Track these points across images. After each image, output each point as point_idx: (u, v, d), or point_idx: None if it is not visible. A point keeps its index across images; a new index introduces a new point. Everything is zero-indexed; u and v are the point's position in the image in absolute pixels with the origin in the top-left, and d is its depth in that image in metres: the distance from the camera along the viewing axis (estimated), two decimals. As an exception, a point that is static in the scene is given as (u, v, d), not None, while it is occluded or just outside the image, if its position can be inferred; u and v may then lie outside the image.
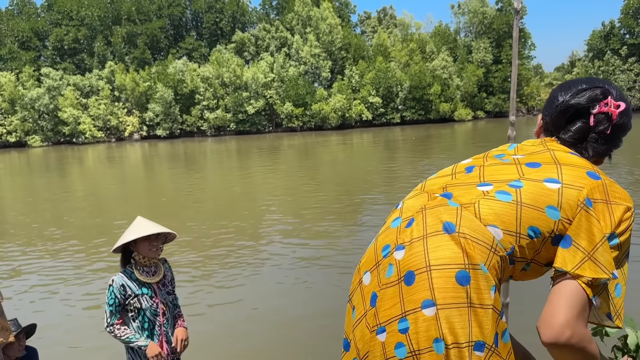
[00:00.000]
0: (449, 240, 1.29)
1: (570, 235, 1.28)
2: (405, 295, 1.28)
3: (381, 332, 1.30)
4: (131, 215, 8.00)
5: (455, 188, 1.41)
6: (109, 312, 3.00)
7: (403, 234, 1.37)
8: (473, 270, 1.25)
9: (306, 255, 8.92)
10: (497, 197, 1.33)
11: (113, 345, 5.80)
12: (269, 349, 5.43)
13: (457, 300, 1.23)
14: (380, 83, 59.99)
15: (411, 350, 1.24)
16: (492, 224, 1.30)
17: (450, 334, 1.21)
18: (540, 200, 1.30)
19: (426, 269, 1.27)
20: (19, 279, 8.67)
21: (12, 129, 60.51)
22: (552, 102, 1.51)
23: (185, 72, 61.14)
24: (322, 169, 22.93)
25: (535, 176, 1.34)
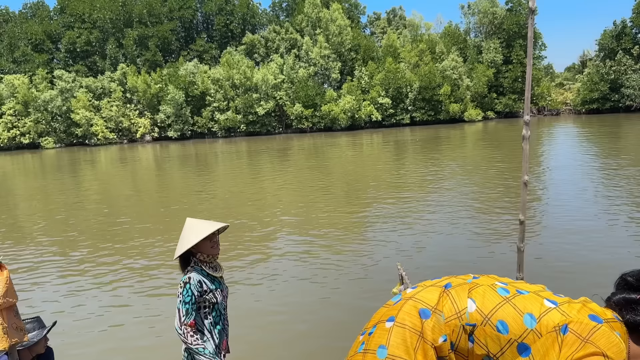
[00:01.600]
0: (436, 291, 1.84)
1: (531, 349, 1.39)
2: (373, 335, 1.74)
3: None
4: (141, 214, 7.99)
5: (457, 289, 1.71)
6: (185, 310, 2.91)
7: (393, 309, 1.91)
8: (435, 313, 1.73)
9: (312, 255, 9.02)
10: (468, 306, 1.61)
11: (126, 347, 5.95)
12: (289, 340, 5.54)
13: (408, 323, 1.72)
14: (390, 84, 59.89)
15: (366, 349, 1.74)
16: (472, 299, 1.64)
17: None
18: (527, 307, 1.47)
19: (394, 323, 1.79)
20: (36, 276, 8.86)
21: (26, 130, 61.23)
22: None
23: (196, 74, 61.51)
24: (332, 169, 23.01)
25: (533, 310, 1.50)
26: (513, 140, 31.09)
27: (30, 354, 3.58)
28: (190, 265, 3.08)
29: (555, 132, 37.03)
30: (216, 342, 3.04)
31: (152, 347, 5.70)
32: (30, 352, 3.58)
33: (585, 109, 60.58)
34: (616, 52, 59.01)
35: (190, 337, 2.90)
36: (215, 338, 3.05)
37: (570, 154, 23.22)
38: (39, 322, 3.64)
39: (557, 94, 65.90)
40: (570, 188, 13.60)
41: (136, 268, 9.07)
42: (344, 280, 7.60)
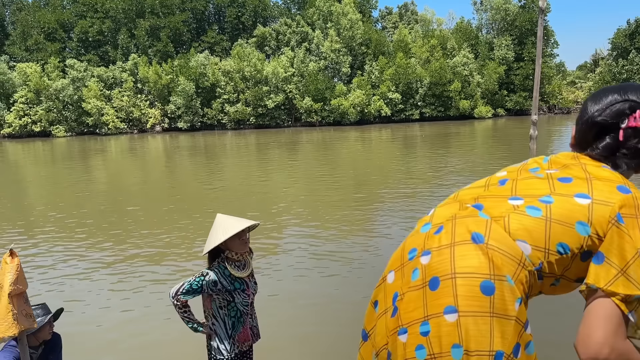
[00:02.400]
0: (476, 250, 1.32)
1: (602, 252, 1.27)
2: (428, 299, 1.32)
3: (403, 333, 1.35)
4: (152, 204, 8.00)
5: (487, 200, 1.44)
6: (185, 289, 2.96)
7: (431, 240, 1.42)
8: (498, 281, 1.27)
9: (321, 248, 9.06)
10: (527, 212, 1.34)
11: (137, 336, 6.03)
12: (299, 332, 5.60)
13: (480, 309, 1.26)
14: (400, 79, 59.62)
15: (431, 353, 1.28)
16: (521, 239, 1.31)
17: (471, 341, 1.24)
18: (570, 216, 1.30)
19: (451, 275, 1.30)
20: (47, 265, 8.98)
21: (37, 118, 61.69)
22: (582, 115, 1.49)
23: (207, 65, 61.59)
24: (340, 163, 23.01)
25: (565, 191, 1.34)
26: (523, 139, 30.89)
27: (36, 340, 3.64)
28: (217, 260, 3.07)
29: (566, 131, 36.74)
30: (229, 333, 3.06)
31: (162, 334, 5.78)
32: (37, 338, 3.64)
33: (596, 108, 59.90)
34: (629, 52, 58.31)
35: (179, 308, 3.05)
36: (229, 329, 3.07)
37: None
38: (45, 308, 3.69)
39: (569, 92, 65.26)
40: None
41: (145, 256, 9.16)
42: (349, 272, 7.64)
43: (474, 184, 1.58)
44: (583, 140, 1.47)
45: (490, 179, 1.55)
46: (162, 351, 5.58)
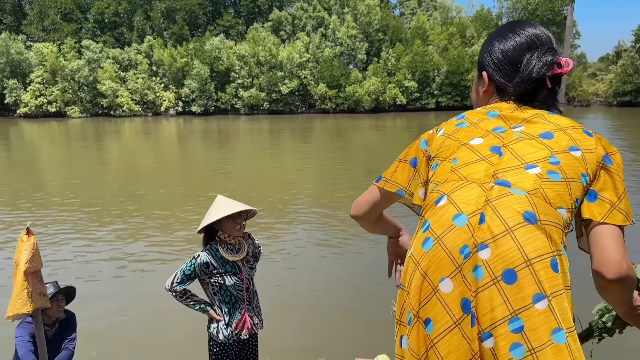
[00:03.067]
0: (535, 230, 1.28)
1: (595, 190, 1.36)
2: (509, 294, 1.24)
3: (487, 338, 1.25)
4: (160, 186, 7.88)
5: (507, 174, 1.36)
6: (180, 278, 3.05)
7: (480, 231, 1.30)
8: (559, 256, 1.29)
9: (329, 235, 8.95)
10: (551, 178, 1.34)
11: (150, 316, 5.97)
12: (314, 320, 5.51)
13: (557, 287, 1.27)
14: (417, 67, 58.98)
15: (530, 349, 1.22)
16: (559, 206, 1.33)
17: (563, 321, 1.25)
18: (576, 171, 1.36)
19: (526, 263, 1.25)
20: (62, 244, 8.97)
21: (53, 99, 62.06)
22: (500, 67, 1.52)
23: (222, 49, 61.38)
24: (353, 152, 22.84)
25: (559, 147, 1.38)
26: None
27: (48, 318, 3.59)
28: (210, 242, 3.13)
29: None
30: (226, 320, 3.08)
31: (172, 314, 5.71)
32: (48, 316, 3.59)
33: (617, 101, 58.90)
34: (654, 44, 57.04)
35: (179, 298, 3.11)
36: (225, 315, 3.08)
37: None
38: (55, 286, 3.68)
39: (589, 84, 64.14)
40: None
41: (156, 237, 9.12)
42: (358, 261, 7.52)
43: (462, 158, 1.45)
44: (519, 93, 1.49)
45: (475, 149, 1.45)
46: (166, 332, 5.52)
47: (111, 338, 5.54)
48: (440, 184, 1.44)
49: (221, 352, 3.12)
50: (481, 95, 1.60)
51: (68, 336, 3.70)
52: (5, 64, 61.80)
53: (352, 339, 5.22)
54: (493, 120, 1.49)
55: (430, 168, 1.54)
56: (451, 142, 1.50)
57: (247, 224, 3.32)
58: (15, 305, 2.88)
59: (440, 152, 1.51)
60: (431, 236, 1.37)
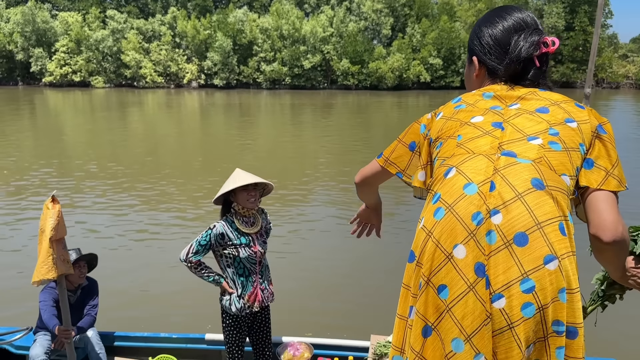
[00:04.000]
0: (544, 195, 1.34)
1: (591, 158, 1.43)
2: (520, 256, 1.30)
3: (498, 299, 1.30)
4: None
5: (512, 145, 1.43)
6: (195, 249, 3.09)
7: (491, 198, 1.35)
8: (565, 221, 1.35)
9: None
10: (552, 147, 1.40)
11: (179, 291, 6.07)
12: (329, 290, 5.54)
13: (566, 250, 1.33)
14: (443, 44, 57.82)
15: (539, 307, 1.29)
16: (563, 173, 1.40)
17: (566, 281, 1.31)
18: (574, 141, 1.43)
19: (537, 227, 1.31)
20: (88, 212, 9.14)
21: (77, 68, 62.62)
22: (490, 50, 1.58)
23: (245, 22, 60.92)
24: (374, 130, 22.66)
25: (556, 120, 1.45)
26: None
27: (70, 284, 3.67)
28: (226, 214, 3.17)
29: (614, 107, 35.15)
30: (239, 292, 3.13)
31: (179, 282, 5.80)
32: (71, 282, 3.67)
33: (647, 84, 57.16)
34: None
35: (194, 269, 3.13)
36: (238, 287, 3.13)
37: (627, 129, 22.03)
38: (78, 252, 3.75)
39: (619, 66, 62.17)
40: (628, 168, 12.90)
41: (176, 207, 9.22)
42: (377, 238, 7.52)
43: (466, 134, 1.51)
44: (511, 74, 1.56)
45: (478, 125, 1.51)
46: (179, 300, 5.61)
47: (129, 305, 5.66)
48: (447, 159, 1.50)
49: (234, 323, 3.19)
50: (473, 80, 1.67)
51: (90, 302, 3.79)
52: (31, 33, 62.41)
53: (367, 315, 5.25)
54: (489, 100, 1.56)
55: (434, 148, 1.59)
56: (452, 122, 1.56)
57: (266, 197, 3.34)
58: (40, 271, 2.94)
59: (443, 133, 1.57)
60: (442, 206, 1.42)
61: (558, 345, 1.31)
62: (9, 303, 5.55)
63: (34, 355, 3.47)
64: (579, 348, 1.34)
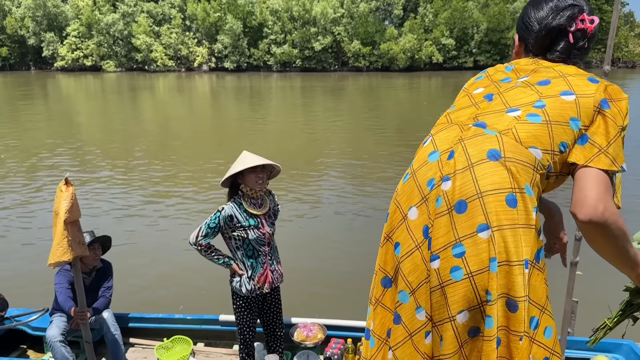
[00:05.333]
0: (497, 166, 1.35)
1: (587, 134, 1.38)
2: (457, 222, 1.34)
3: (434, 260, 1.37)
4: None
5: (486, 117, 1.45)
6: (205, 232, 3.08)
7: (446, 165, 1.41)
8: (520, 193, 1.33)
9: (355, 199, 8.90)
10: (529, 119, 1.39)
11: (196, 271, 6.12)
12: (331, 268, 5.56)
13: (508, 221, 1.30)
14: (456, 24, 56.96)
15: (467, 272, 1.31)
16: (532, 146, 1.37)
17: (503, 252, 1.30)
18: (563, 114, 1.38)
19: (477, 196, 1.33)
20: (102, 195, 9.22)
21: (89, 52, 62.84)
22: (529, 25, 1.57)
23: (255, 3, 60.47)
24: (386, 114, 22.48)
25: (551, 92, 1.41)
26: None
27: (85, 266, 3.70)
28: (234, 196, 3.17)
29: (631, 85, 34.50)
30: (249, 274, 3.15)
31: (198, 264, 5.84)
32: (86, 264, 3.70)
33: (665, 63, 55.96)
34: None
35: (204, 252, 3.14)
36: (248, 269, 3.15)
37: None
38: (92, 235, 3.77)
39: (635, 44, 60.93)
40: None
41: (186, 189, 9.26)
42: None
43: (459, 104, 1.60)
44: (540, 47, 1.55)
45: (473, 97, 1.57)
46: (192, 281, 5.65)
47: (144, 286, 5.72)
48: (435, 127, 1.59)
49: (244, 305, 3.21)
50: (514, 56, 1.67)
51: (105, 284, 3.82)
52: (42, 17, 62.57)
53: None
54: (507, 72, 1.57)
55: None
56: (462, 93, 1.65)
57: (276, 178, 3.33)
58: (56, 253, 2.95)
59: (454, 102, 1.64)
60: (409, 171, 1.53)
61: (487, 314, 1.31)
62: (25, 285, 5.64)
63: (50, 336, 3.52)
64: (519, 322, 1.30)
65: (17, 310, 3.90)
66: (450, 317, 1.34)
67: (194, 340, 3.91)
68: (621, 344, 3.33)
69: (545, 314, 1.37)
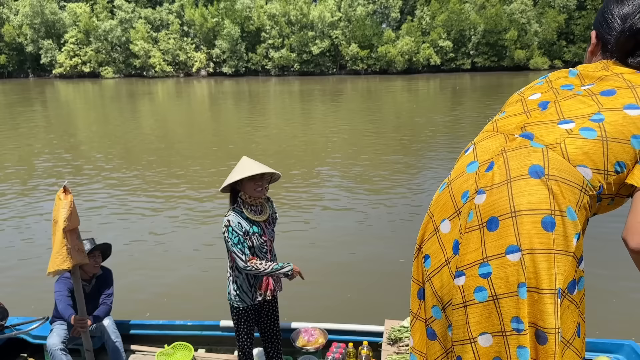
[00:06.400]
0: (537, 184, 1.24)
1: None
2: (487, 240, 1.26)
3: (460, 276, 1.30)
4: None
5: (535, 127, 1.33)
6: (239, 250, 2.96)
7: (483, 178, 1.32)
8: (560, 216, 1.21)
9: (355, 201, 8.90)
10: (582, 134, 1.26)
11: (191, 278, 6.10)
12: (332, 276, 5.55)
13: (542, 245, 1.20)
14: (453, 26, 57.08)
15: (492, 295, 1.24)
16: (581, 164, 1.24)
17: (533, 278, 1.20)
18: (624, 131, 1.24)
19: (511, 215, 1.23)
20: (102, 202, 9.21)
21: (87, 59, 62.90)
22: (610, 22, 1.38)
23: (253, 8, 60.60)
24: (385, 116, 22.51)
25: (613, 105, 1.27)
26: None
27: (85, 273, 3.69)
28: (233, 205, 3.14)
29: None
30: (251, 282, 3.12)
31: (200, 269, 5.83)
32: (86, 272, 3.69)
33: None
34: None
35: (261, 266, 3.01)
36: (251, 278, 3.12)
37: None
38: (92, 242, 3.75)
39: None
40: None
41: (188, 198, 9.25)
42: (390, 226, 7.47)
43: (510, 111, 1.46)
44: (621, 50, 1.36)
45: (527, 103, 1.43)
46: (194, 285, 5.64)
47: (145, 293, 5.70)
48: (480, 134, 1.48)
49: (243, 315, 3.18)
50: (588, 56, 1.51)
51: (105, 291, 3.81)
52: (40, 24, 62.64)
53: (382, 300, 5.24)
54: (570, 78, 1.43)
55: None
56: (515, 96, 1.51)
57: (272, 185, 3.31)
58: (55, 261, 2.94)
59: (505, 107, 1.52)
60: (446, 181, 1.44)
61: (520, 345, 1.22)
62: (25, 293, 5.62)
63: (51, 344, 3.50)
64: (547, 355, 1.21)
65: (17, 319, 3.89)
66: (470, 338, 1.27)
67: (195, 347, 3.90)
68: (622, 344, 3.32)
69: (570, 350, 1.27)
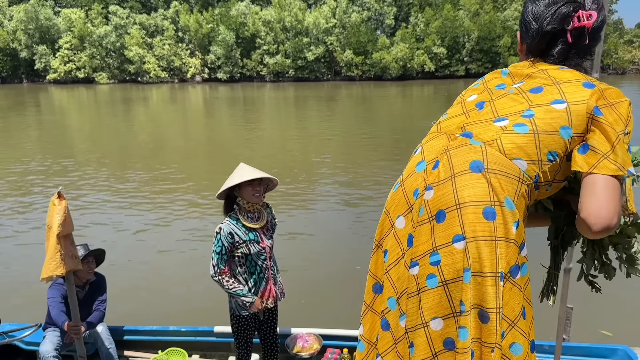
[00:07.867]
0: (478, 178, 1.35)
1: (587, 142, 1.35)
2: (436, 232, 1.36)
3: (414, 266, 1.39)
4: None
5: (474, 126, 1.45)
6: (216, 259, 3.01)
7: (430, 175, 1.43)
8: (499, 206, 1.32)
9: (351, 206, 8.91)
10: (515, 130, 1.37)
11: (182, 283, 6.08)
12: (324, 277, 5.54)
13: (485, 233, 1.31)
14: (447, 32, 57.40)
15: (442, 280, 1.33)
16: (516, 157, 1.36)
17: (477, 263, 1.30)
18: (553, 124, 1.36)
19: (456, 207, 1.34)
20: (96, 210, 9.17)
21: (81, 65, 62.77)
22: (527, 26, 1.52)
23: (248, 14, 60.74)
24: (379, 122, 22.57)
25: (541, 101, 1.39)
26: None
27: (79, 279, 3.67)
28: (230, 212, 3.12)
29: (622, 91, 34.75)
30: (251, 290, 3.10)
31: (194, 276, 5.81)
32: (79, 278, 3.67)
33: (655, 69, 56.59)
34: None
35: (226, 282, 3.03)
36: (250, 285, 3.10)
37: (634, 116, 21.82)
38: (85, 248, 3.74)
39: (625, 51, 61.63)
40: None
41: (183, 203, 9.23)
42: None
43: (451, 112, 1.59)
44: (536, 50, 1.51)
45: (466, 104, 1.56)
46: (188, 293, 5.62)
47: (138, 299, 5.68)
48: (426, 137, 1.59)
49: (243, 322, 3.17)
50: (520, 54, 1.63)
51: (99, 298, 3.79)
52: (35, 30, 62.51)
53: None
54: (503, 78, 1.56)
55: None
56: (457, 99, 1.64)
57: (271, 191, 3.31)
58: (49, 267, 2.93)
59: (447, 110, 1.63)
60: (399, 180, 1.55)
61: (460, 325, 1.31)
62: (18, 300, 5.59)
63: (43, 351, 3.48)
64: (491, 333, 1.30)
65: (10, 326, 3.86)
66: (423, 322, 1.35)
67: (189, 352, 3.88)
68: (616, 349, 3.34)
69: (515, 330, 1.34)
